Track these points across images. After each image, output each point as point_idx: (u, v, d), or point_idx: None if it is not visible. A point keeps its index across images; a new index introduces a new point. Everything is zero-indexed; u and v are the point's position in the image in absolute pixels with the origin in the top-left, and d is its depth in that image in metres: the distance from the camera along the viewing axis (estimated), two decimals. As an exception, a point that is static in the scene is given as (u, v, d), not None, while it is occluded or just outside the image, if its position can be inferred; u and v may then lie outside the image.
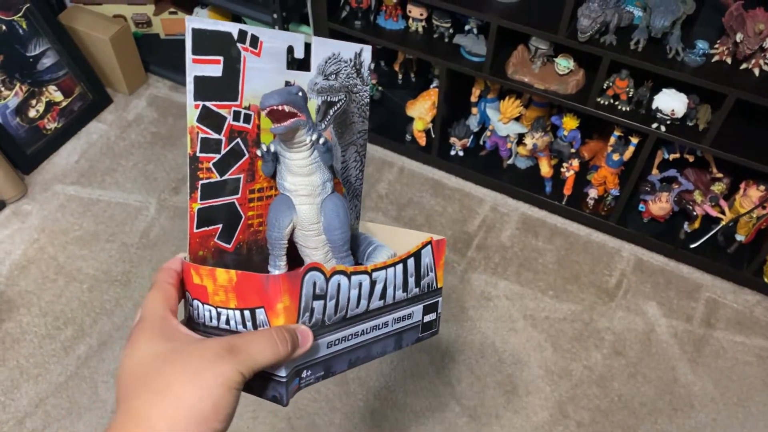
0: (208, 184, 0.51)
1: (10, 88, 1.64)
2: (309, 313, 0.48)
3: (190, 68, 0.48)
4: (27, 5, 1.62)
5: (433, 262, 0.58)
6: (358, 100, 0.59)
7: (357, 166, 0.62)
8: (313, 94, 0.55)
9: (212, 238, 0.53)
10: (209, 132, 0.51)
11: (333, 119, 0.57)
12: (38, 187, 1.65)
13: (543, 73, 1.42)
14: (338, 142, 0.59)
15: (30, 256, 1.51)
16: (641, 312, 1.46)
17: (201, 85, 0.49)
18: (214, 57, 0.49)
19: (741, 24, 1.17)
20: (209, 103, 0.50)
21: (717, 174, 1.47)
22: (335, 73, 0.56)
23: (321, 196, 0.54)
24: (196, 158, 0.50)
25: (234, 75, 0.50)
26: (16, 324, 1.39)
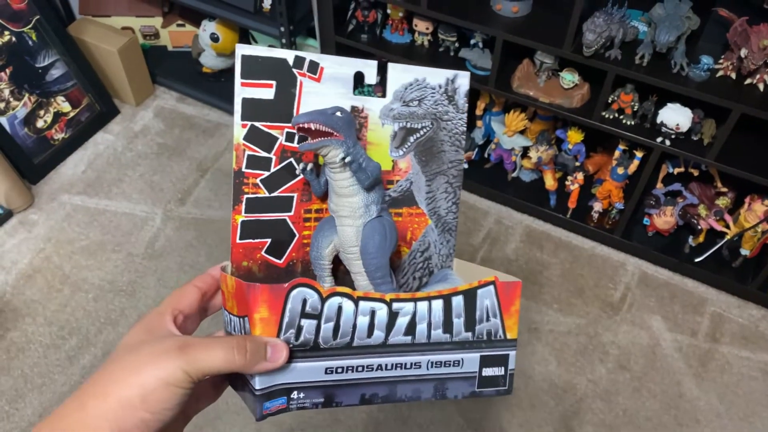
0: (254, 199, 0.52)
1: (19, 99, 1.65)
2: (295, 331, 0.46)
3: (238, 91, 0.50)
4: (37, 17, 1.64)
5: (497, 307, 0.52)
6: (449, 128, 0.56)
7: (448, 197, 0.58)
8: (388, 119, 0.54)
9: (259, 251, 0.53)
10: (257, 150, 0.52)
11: (414, 146, 0.55)
12: (45, 197, 1.66)
13: (548, 87, 1.43)
14: (422, 171, 0.56)
15: (36, 265, 1.52)
16: (646, 326, 1.46)
17: (249, 106, 0.51)
18: (266, 81, 0.51)
19: (745, 39, 1.18)
20: (259, 123, 0.51)
21: (722, 188, 1.47)
22: (418, 99, 0.55)
23: (363, 219, 0.52)
24: (242, 173, 0.52)
25: (288, 98, 0.51)
26: (21, 333, 1.39)
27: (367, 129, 0.54)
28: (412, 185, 0.57)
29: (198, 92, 1.90)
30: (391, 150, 0.55)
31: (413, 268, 0.58)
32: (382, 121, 0.54)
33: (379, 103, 0.54)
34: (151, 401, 0.39)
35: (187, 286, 0.49)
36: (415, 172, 0.56)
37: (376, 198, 0.53)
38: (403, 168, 0.56)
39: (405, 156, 0.56)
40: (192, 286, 0.49)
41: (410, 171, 0.57)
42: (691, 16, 1.24)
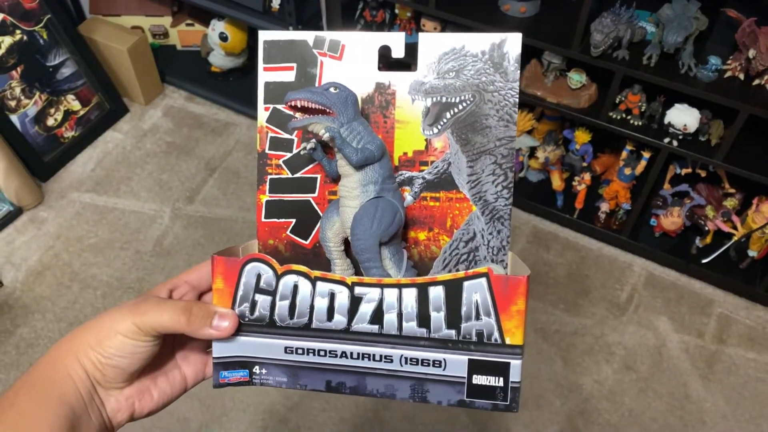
0: (278, 179, 0.52)
1: (30, 97, 1.67)
2: (249, 305, 0.47)
3: (262, 76, 0.51)
4: (48, 16, 1.66)
5: (490, 304, 0.46)
6: (496, 100, 0.50)
7: (497, 181, 0.52)
8: (419, 95, 0.50)
9: (284, 231, 0.53)
10: (279, 132, 0.52)
11: (451, 123, 0.50)
12: (55, 195, 1.68)
13: (555, 87, 1.43)
14: (462, 150, 0.51)
15: (45, 262, 1.53)
16: (652, 327, 1.45)
17: (272, 89, 0.51)
18: (287, 64, 0.51)
19: (754, 40, 1.18)
20: (281, 106, 0.51)
21: (729, 189, 1.47)
22: (456, 70, 0.50)
23: (360, 199, 0.49)
24: (265, 155, 0.52)
25: (309, 79, 0.51)
26: (30, 329, 1.41)
27: (395, 107, 0.51)
28: (450, 166, 0.52)
29: (207, 91, 1.91)
30: (423, 127, 0.51)
31: (456, 260, 0.52)
32: (412, 97, 0.50)
33: (409, 78, 0.50)
34: (105, 346, 0.44)
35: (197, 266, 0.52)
36: (454, 151, 0.51)
37: (375, 177, 0.49)
38: (438, 147, 0.51)
39: (440, 134, 0.51)
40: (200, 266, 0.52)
41: (447, 150, 0.51)
42: (699, 16, 1.24)
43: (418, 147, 0.51)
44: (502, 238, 0.52)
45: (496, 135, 0.51)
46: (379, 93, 0.51)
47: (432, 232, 0.53)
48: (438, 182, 0.52)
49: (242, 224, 1.61)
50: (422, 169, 0.52)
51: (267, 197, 0.53)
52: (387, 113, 0.51)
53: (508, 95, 0.50)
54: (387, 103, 0.51)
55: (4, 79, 1.61)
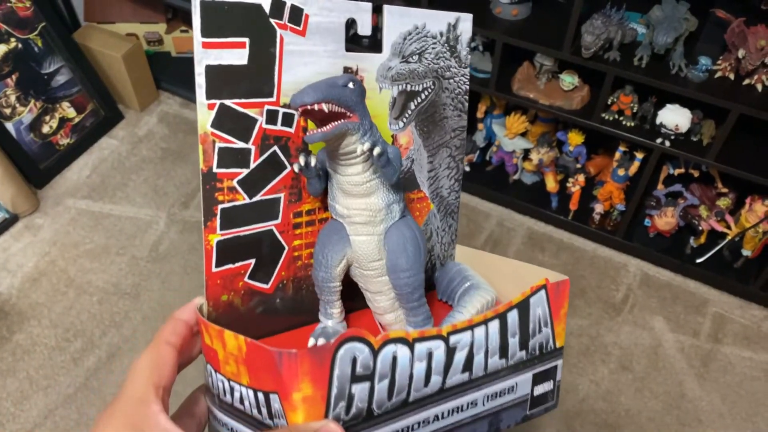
0: (232, 208, 0.40)
1: (25, 105, 1.67)
2: (345, 403, 0.35)
3: (201, 54, 0.37)
4: (43, 24, 1.66)
5: (548, 313, 0.43)
6: (452, 87, 0.46)
7: (451, 174, 0.49)
8: (387, 82, 0.43)
9: (241, 278, 0.42)
10: (231, 140, 0.39)
11: (415, 114, 0.45)
12: (50, 201, 1.68)
13: (548, 89, 1.44)
14: (423, 145, 0.47)
15: (41, 268, 1.53)
16: (648, 327, 1.46)
17: (217, 76, 0.38)
18: (236, 39, 0.38)
19: (743, 40, 1.19)
20: (231, 101, 0.38)
21: (722, 189, 1.47)
22: (419, 52, 0.44)
23: (385, 224, 0.42)
24: (213, 175, 0.39)
25: (267, 62, 0.39)
26: (26, 335, 1.41)
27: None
28: (413, 164, 0.47)
29: (201, 97, 1.91)
30: (390, 121, 0.45)
31: None
32: (380, 85, 0.43)
33: (376, 61, 0.43)
34: None
35: (160, 347, 0.38)
36: (417, 147, 0.47)
37: (397, 195, 0.42)
38: (403, 144, 0.46)
39: (406, 127, 0.45)
40: (166, 346, 0.38)
41: (411, 147, 0.46)
42: (689, 17, 1.25)
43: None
44: (453, 231, 0.51)
45: (451, 125, 0.47)
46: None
47: None
48: (402, 182, 0.47)
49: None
50: None
51: (218, 236, 0.40)
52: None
53: (461, 82, 0.47)
54: None
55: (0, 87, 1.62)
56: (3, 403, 1.30)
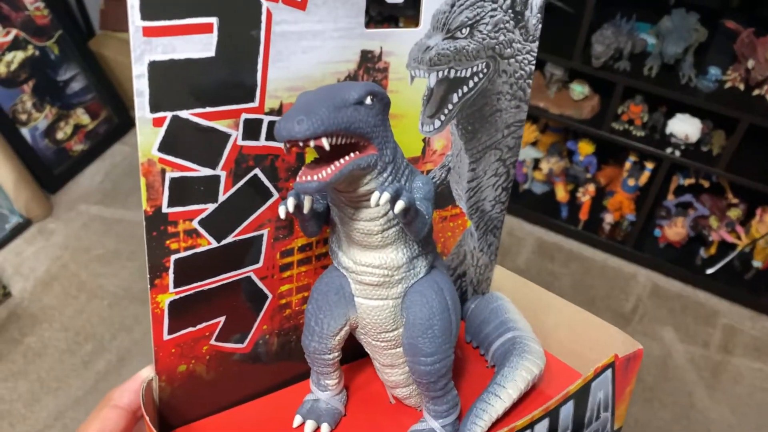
0: (190, 258, 0.30)
1: (40, 111, 1.70)
2: None
3: (140, 47, 0.26)
4: (59, 32, 1.69)
5: (611, 396, 0.34)
6: (511, 69, 0.35)
7: (498, 182, 0.39)
8: (422, 67, 0.32)
9: (205, 341, 0.32)
10: (189, 166, 0.28)
11: (457, 110, 0.35)
12: (63, 207, 1.70)
13: (558, 98, 1.45)
14: (465, 149, 0.36)
15: (53, 272, 1.54)
16: (657, 337, 1.45)
17: (167, 78, 0.26)
18: (197, 20, 0.25)
19: (752, 51, 1.19)
20: (189, 111, 0.27)
21: (733, 200, 1.47)
22: (471, 23, 0.32)
23: (404, 284, 0.32)
24: (162, 217, 0.29)
25: (246, 51, 0.27)
26: (38, 338, 1.42)
27: (388, 91, 0.32)
28: (449, 174, 0.37)
29: (214, 105, 1.94)
30: (422, 121, 0.34)
31: None
32: (412, 73, 0.32)
33: (409, 39, 0.31)
34: None
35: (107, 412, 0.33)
36: (456, 152, 0.36)
37: (429, 243, 0.32)
38: (438, 149, 0.36)
39: (443, 128, 0.35)
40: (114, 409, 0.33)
41: (448, 152, 0.36)
42: (699, 28, 1.25)
43: (413, 152, 0.35)
44: (492, 251, 0.41)
45: (506, 120, 0.36)
46: (365, 68, 0.31)
47: None
48: (442, 198, 0.38)
49: (248, 235, 1.62)
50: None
51: (171, 296, 0.30)
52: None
53: (524, 62, 0.35)
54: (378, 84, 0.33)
55: (16, 93, 1.64)
56: (14, 404, 1.31)
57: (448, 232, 0.39)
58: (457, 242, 0.39)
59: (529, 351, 0.37)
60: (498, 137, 0.37)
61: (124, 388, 0.34)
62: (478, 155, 0.38)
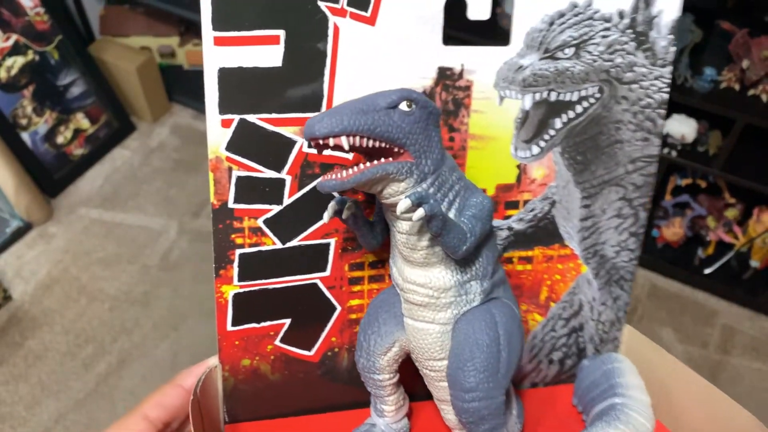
0: (255, 255, 0.31)
1: (41, 116, 1.71)
2: None
3: (212, 55, 0.27)
4: (60, 37, 1.70)
5: None
6: (634, 96, 0.32)
7: (623, 225, 0.35)
8: (514, 87, 0.30)
9: (270, 341, 0.33)
10: (255, 167, 0.30)
11: (562, 137, 0.32)
12: (64, 211, 1.71)
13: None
14: (575, 181, 0.33)
15: (54, 276, 1.55)
16: (657, 337, 1.46)
17: (236, 83, 0.28)
18: (265, 32, 0.27)
19: (747, 51, 1.20)
20: (256, 116, 0.29)
21: (730, 200, 1.48)
22: (576, 43, 0.30)
23: (454, 309, 0.30)
24: (228, 211, 0.31)
25: (312, 63, 0.28)
26: (39, 341, 1.42)
27: (470, 111, 0.31)
28: (554, 207, 0.34)
29: (213, 109, 1.95)
30: (516, 145, 0.32)
31: (549, 347, 0.37)
32: (501, 93, 0.31)
33: (498, 58, 0.30)
34: None
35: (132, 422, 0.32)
36: (562, 183, 0.33)
37: (484, 266, 0.30)
38: (537, 178, 0.33)
39: (543, 156, 0.32)
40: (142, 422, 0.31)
41: (552, 183, 0.33)
42: (694, 29, 1.26)
43: (504, 179, 0.32)
44: (620, 307, 0.36)
45: (629, 154, 0.33)
46: (443, 86, 0.30)
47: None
48: (532, 233, 0.34)
49: (247, 238, 1.63)
50: (509, 214, 0.33)
51: (235, 288, 0.32)
52: (456, 123, 0.31)
53: (652, 89, 0.32)
54: (457, 105, 0.31)
55: (16, 98, 1.65)
56: (15, 407, 1.32)
57: (556, 274, 0.35)
58: (569, 288, 0.35)
59: (624, 420, 0.32)
60: (619, 172, 0.33)
61: (190, 371, 0.34)
62: (592, 191, 0.34)
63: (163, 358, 1.39)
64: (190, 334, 1.43)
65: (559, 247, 0.35)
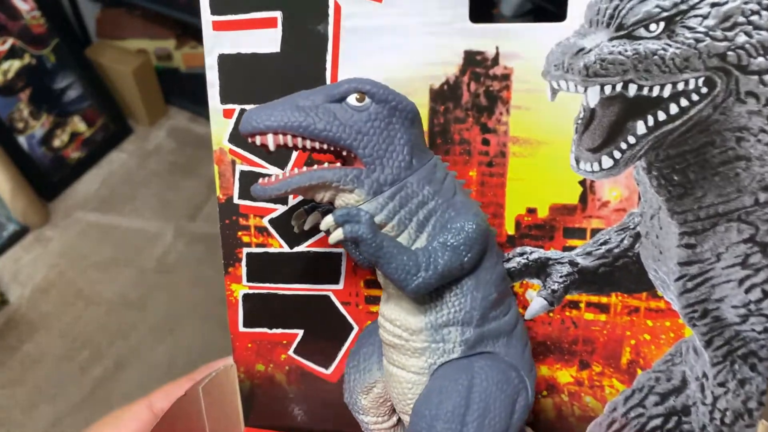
0: (263, 256, 0.29)
1: (37, 119, 1.71)
2: None
3: (211, 40, 0.26)
4: (56, 41, 1.71)
5: None
6: (766, 91, 0.22)
7: (753, 280, 0.24)
8: (572, 78, 0.23)
9: (284, 349, 0.31)
10: (258, 162, 0.28)
11: (647, 147, 0.23)
12: (60, 214, 1.71)
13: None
14: (669, 210, 0.24)
15: (51, 280, 1.56)
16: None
17: (236, 71, 0.26)
18: (261, 14, 0.24)
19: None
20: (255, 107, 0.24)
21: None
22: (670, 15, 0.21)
23: (426, 359, 0.24)
24: (233, 207, 0.30)
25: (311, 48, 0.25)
26: (35, 345, 1.43)
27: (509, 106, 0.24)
28: (638, 242, 0.26)
29: (210, 112, 1.95)
30: (577, 155, 0.24)
31: (637, 426, 0.28)
32: (554, 84, 0.24)
33: (547, 38, 0.24)
34: None
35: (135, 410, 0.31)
36: (650, 212, 0.25)
37: (466, 310, 0.24)
38: (611, 201, 0.25)
39: (619, 171, 0.24)
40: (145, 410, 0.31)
41: (634, 209, 0.25)
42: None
43: (562, 198, 0.25)
44: (749, 393, 0.26)
45: (760, 177, 0.23)
46: (472, 74, 0.24)
47: (588, 371, 0.28)
48: (606, 274, 0.26)
49: (244, 241, 1.63)
50: (570, 245, 0.26)
51: (245, 288, 0.30)
52: (491, 122, 0.25)
53: None
54: (491, 99, 0.24)
55: (13, 102, 1.65)
56: (12, 411, 1.32)
57: (644, 333, 0.26)
58: (664, 355, 0.27)
59: None
60: (744, 203, 0.23)
61: (209, 366, 0.33)
62: (698, 225, 0.24)
63: (160, 361, 1.40)
64: (187, 337, 1.44)
65: (648, 297, 0.26)
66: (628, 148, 0.24)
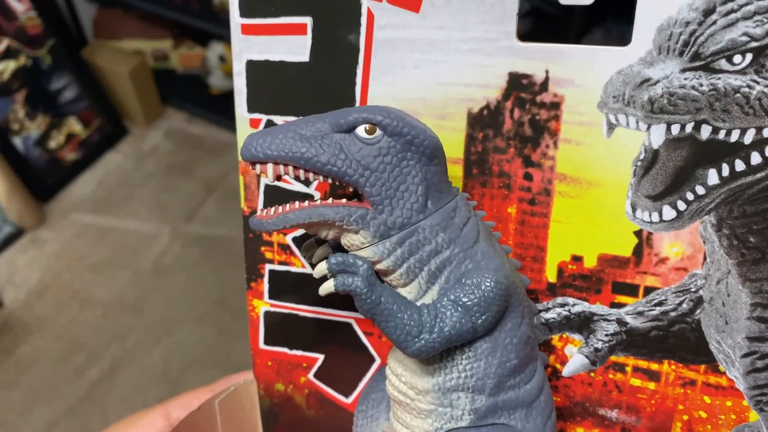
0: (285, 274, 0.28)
1: (33, 120, 1.70)
2: None
3: (240, 44, 0.24)
4: (52, 41, 1.70)
5: None
6: None
7: None
8: (633, 112, 0.20)
9: (304, 372, 0.30)
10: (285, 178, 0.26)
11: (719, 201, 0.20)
12: (56, 216, 1.70)
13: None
14: (741, 275, 0.21)
15: (46, 282, 1.54)
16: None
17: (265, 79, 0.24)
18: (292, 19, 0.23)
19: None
20: (282, 118, 0.25)
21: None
22: (760, 46, 0.18)
23: (432, 423, 0.22)
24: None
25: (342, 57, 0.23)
26: (30, 348, 1.42)
27: (557, 139, 0.22)
28: (699, 307, 0.23)
29: (207, 113, 1.94)
30: (633, 202, 0.21)
31: None
32: (611, 118, 0.21)
33: (606, 64, 0.21)
34: None
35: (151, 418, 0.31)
36: (717, 275, 0.22)
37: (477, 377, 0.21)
38: (671, 258, 0.22)
39: (683, 225, 0.21)
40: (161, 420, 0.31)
41: (698, 269, 0.22)
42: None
43: (613, 248, 0.22)
44: None
45: None
46: (516, 100, 0.22)
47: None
48: (659, 338, 0.23)
49: (240, 243, 1.62)
50: (619, 301, 0.23)
51: (267, 305, 0.29)
52: (535, 155, 0.22)
53: None
54: (537, 130, 0.22)
55: (8, 103, 1.65)
56: (7, 414, 1.31)
57: (699, 410, 0.23)
58: None
59: None
60: None
61: (230, 378, 0.32)
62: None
63: (156, 364, 1.39)
64: (183, 339, 1.43)
65: (708, 370, 0.23)
66: (696, 200, 0.20)
